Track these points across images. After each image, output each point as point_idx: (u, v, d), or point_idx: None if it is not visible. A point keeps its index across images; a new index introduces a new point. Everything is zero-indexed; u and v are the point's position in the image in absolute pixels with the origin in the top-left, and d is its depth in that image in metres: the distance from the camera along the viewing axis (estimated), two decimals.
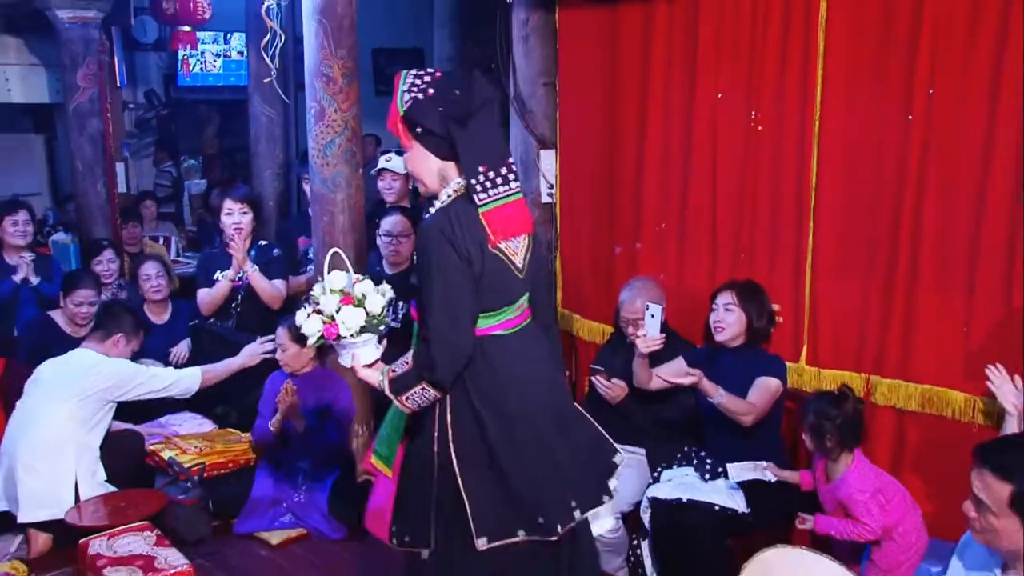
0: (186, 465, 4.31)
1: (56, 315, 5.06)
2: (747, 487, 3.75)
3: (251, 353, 4.50)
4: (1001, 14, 3.34)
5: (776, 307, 3.98)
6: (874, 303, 3.78)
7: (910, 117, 3.60)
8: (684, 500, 3.68)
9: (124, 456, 4.29)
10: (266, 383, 4.35)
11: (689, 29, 4.31)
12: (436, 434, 2.74)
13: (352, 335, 2.69)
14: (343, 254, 2.83)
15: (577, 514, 2.77)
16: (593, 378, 4.15)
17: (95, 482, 4.07)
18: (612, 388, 4.09)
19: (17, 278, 5.49)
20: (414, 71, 2.72)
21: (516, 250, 2.72)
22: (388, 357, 2.84)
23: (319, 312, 2.72)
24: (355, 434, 4.44)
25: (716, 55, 4.21)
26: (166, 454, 4.40)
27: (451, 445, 2.72)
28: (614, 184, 4.79)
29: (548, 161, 5.11)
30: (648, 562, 3.86)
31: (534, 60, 5.07)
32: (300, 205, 7.86)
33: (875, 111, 3.71)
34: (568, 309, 5.14)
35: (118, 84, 8.99)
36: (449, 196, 2.71)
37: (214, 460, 4.42)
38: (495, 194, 2.66)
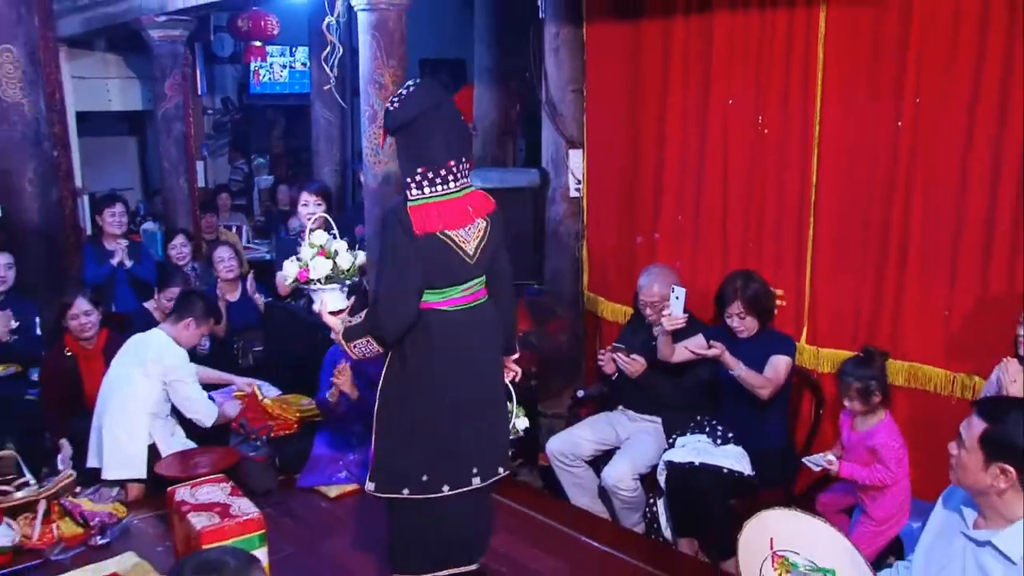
0: (256, 427, 4.37)
1: (149, 305, 5.11)
2: (754, 453, 3.74)
3: (226, 415, 4.40)
4: (980, 29, 3.32)
5: (779, 292, 3.96)
6: (867, 289, 3.76)
7: (899, 123, 3.57)
8: (696, 463, 3.67)
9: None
10: (326, 357, 4.37)
11: (704, 42, 4.29)
12: (379, 386, 2.84)
13: (320, 281, 2.83)
14: (330, 219, 3.03)
15: (476, 481, 2.82)
16: (614, 355, 4.15)
17: (174, 441, 4.13)
18: (631, 363, 4.08)
19: (114, 262, 5.61)
20: (408, 83, 2.80)
21: (467, 238, 2.74)
22: None
23: (298, 260, 2.88)
24: None
25: (728, 65, 4.19)
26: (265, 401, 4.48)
27: (379, 396, 2.83)
28: (636, 180, 4.77)
29: (576, 159, 5.09)
30: (663, 519, 3.87)
31: (564, 69, 5.06)
32: (355, 198, 7.90)
33: (868, 117, 3.69)
34: (593, 292, 5.13)
35: (199, 92, 9.12)
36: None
37: (280, 422, 4.46)
38: (430, 191, 2.69)
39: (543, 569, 3.38)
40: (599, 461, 4.26)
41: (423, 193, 2.69)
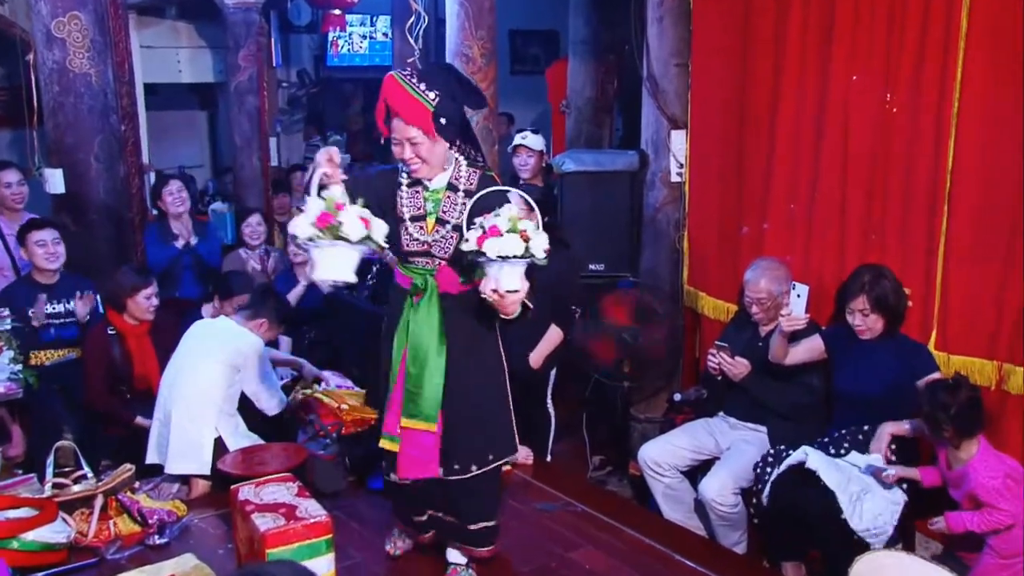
0: (326, 423, 4.41)
1: (206, 311, 4.98)
2: None
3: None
4: None
5: (907, 290, 3.81)
6: (1010, 289, 3.58)
7: None
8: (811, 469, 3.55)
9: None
10: None
11: (825, 9, 4.16)
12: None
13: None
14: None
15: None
16: (718, 354, 4.09)
17: (239, 434, 4.18)
18: (735, 366, 4.04)
19: (179, 244, 5.70)
20: (410, 73, 3.06)
21: None
22: None
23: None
24: None
25: (852, 36, 4.06)
26: (323, 399, 4.48)
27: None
28: (743, 164, 4.68)
29: (679, 141, 5.03)
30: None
31: (667, 41, 5.00)
32: None
33: (1018, 95, 3.49)
34: (694, 287, 5.07)
35: (274, 64, 9.22)
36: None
37: (352, 418, 4.49)
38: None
39: None
40: (696, 472, 4.24)
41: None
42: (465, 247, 2.83)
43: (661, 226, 5.16)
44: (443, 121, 2.95)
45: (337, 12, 8.74)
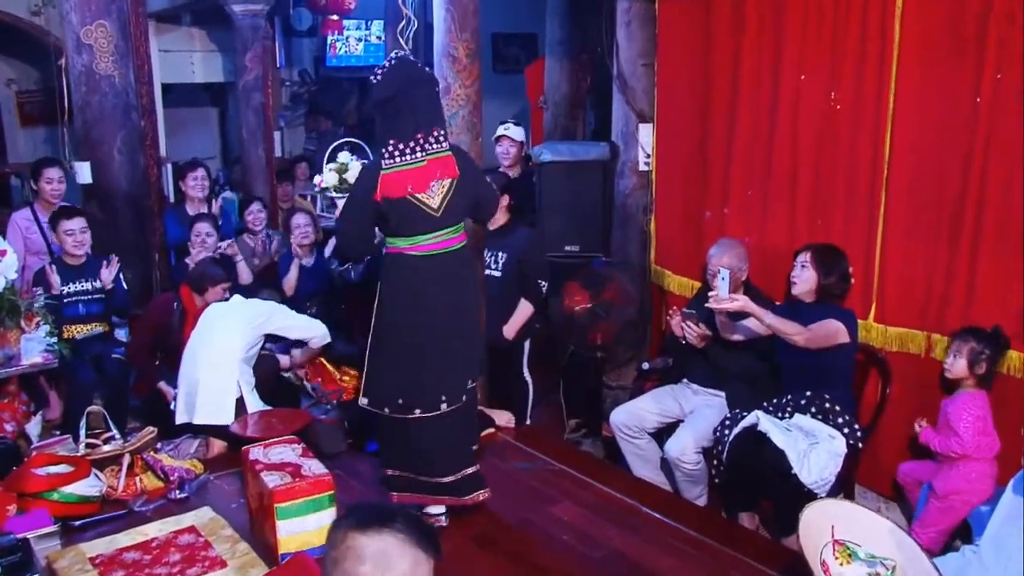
0: (328, 390, 4.43)
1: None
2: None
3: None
4: None
5: (851, 268, 3.83)
6: (939, 267, 3.63)
7: (978, 99, 3.42)
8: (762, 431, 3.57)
9: (265, 378, 4.42)
10: None
11: (776, 17, 4.17)
12: (371, 318, 3.33)
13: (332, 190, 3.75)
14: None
15: (444, 407, 3.29)
16: (684, 321, 4.09)
17: (254, 395, 4.21)
18: (698, 331, 4.04)
19: None
20: (390, 55, 3.29)
21: (432, 195, 3.20)
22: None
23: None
24: None
25: (801, 41, 4.07)
26: (328, 367, 4.61)
27: (371, 328, 3.32)
28: (705, 155, 4.68)
29: (646, 133, 5.02)
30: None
31: (635, 43, 4.99)
32: None
33: (946, 92, 3.53)
34: (660, 266, 5.07)
35: (278, 65, 9.18)
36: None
37: (351, 386, 4.51)
38: (400, 160, 3.18)
39: (602, 537, 3.38)
40: (662, 433, 4.23)
41: (395, 162, 3.18)
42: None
43: (631, 211, 5.15)
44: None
45: (335, 17, 8.68)
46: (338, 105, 10.91)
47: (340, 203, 3.51)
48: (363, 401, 3.37)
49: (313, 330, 4.46)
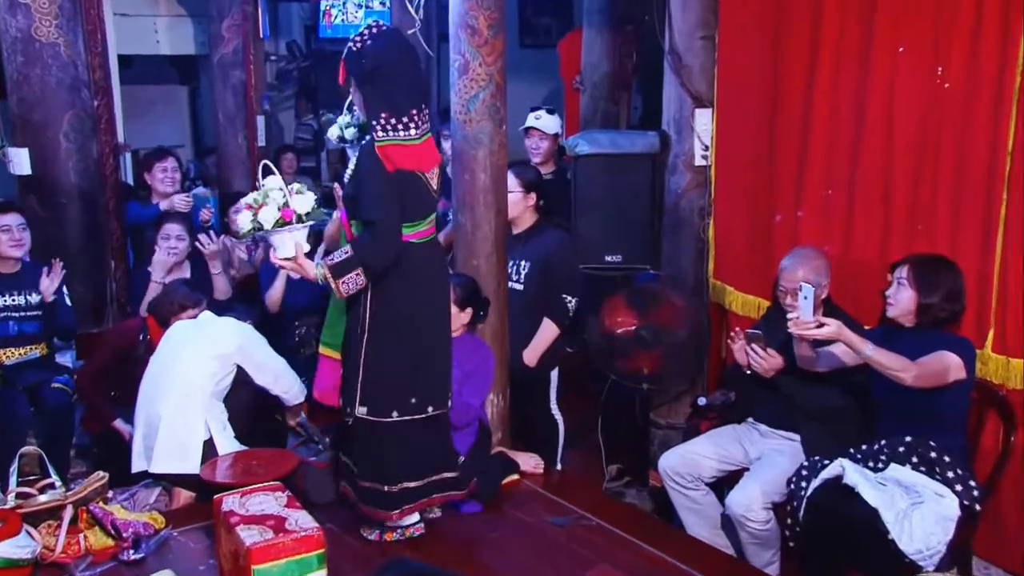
0: (318, 427, 4.40)
1: None
2: None
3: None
4: None
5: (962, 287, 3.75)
6: None
7: None
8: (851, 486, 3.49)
9: (240, 411, 4.38)
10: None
11: None
12: (363, 317, 3.49)
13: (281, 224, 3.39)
14: (271, 165, 3.52)
15: (449, 401, 3.69)
16: (748, 345, 4.05)
17: (227, 435, 4.17)
18: (767, 359, 4.00)
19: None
20: (369, 22, 3.54)
21: (432, 176, 3.51)
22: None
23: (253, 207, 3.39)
24: (490, 403, 4.46)
25: (898, 4, 4.02)
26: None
27: (368, 329, 3.49)
28: (776, 146, 4.66)
29: (704, 120, 5.00)
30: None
31: (692, 11, 4.97)
32: None
33: None
34: (721, 280, 5.06)
35: (261, 35, 9.17)
36: None
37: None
38: (394, 135, 3.39)
39: None
40: (723, 484, 4.24)
41: (388, 136, 3.40)
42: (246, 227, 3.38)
43: (684, 214, 5.13)
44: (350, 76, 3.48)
45: None
46: (335, 84, 10.93)
47: (278, 239, 3.38)
48: (361, 411, 3.54)
49: (284, 382, 4.37)
